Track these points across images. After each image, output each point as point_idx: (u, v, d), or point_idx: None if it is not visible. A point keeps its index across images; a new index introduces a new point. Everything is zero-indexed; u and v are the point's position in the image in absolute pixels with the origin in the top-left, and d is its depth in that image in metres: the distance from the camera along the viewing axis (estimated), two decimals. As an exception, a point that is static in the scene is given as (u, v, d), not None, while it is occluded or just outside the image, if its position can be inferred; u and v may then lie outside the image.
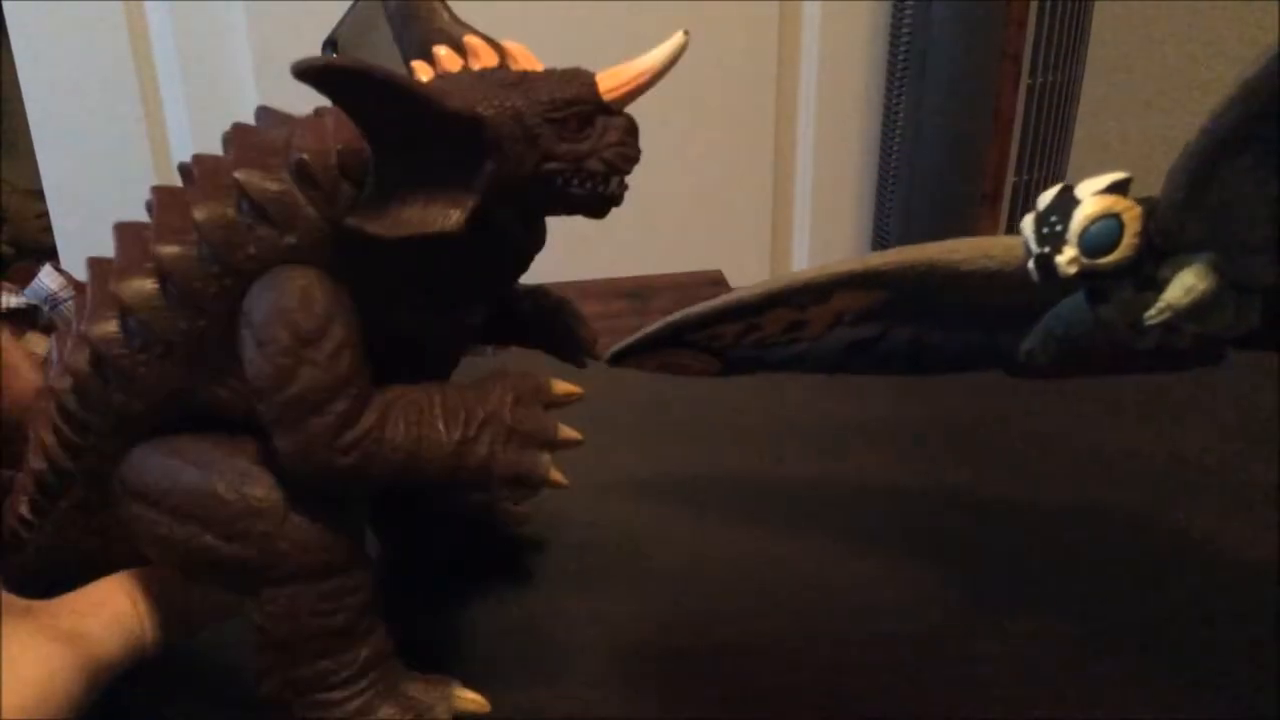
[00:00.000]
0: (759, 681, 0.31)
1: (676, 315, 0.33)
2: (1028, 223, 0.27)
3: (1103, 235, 0.25)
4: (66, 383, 0.27)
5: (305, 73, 0.22)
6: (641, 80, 0.26)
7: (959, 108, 1.24)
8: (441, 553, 0.37)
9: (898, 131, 1.30)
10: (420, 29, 0.28)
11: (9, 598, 0.26)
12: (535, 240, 0.28)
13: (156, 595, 0.27)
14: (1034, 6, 1.17)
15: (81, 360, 0.26)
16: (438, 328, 0.28)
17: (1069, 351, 0.28)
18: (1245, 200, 0.24)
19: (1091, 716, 0.29)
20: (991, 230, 1.24)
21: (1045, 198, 0.26)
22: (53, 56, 1.22)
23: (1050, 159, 1.28)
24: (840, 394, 0.49)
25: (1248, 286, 0.25)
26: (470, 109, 0.24)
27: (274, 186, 0.25)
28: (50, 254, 1.28)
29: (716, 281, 0.98)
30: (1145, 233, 0.25)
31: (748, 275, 1.37)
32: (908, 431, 0.46)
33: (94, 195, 1.26)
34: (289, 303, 0.25)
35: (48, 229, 1.30)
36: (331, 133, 0.25)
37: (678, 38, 0.26)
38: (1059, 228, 0.26)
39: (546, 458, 0.26)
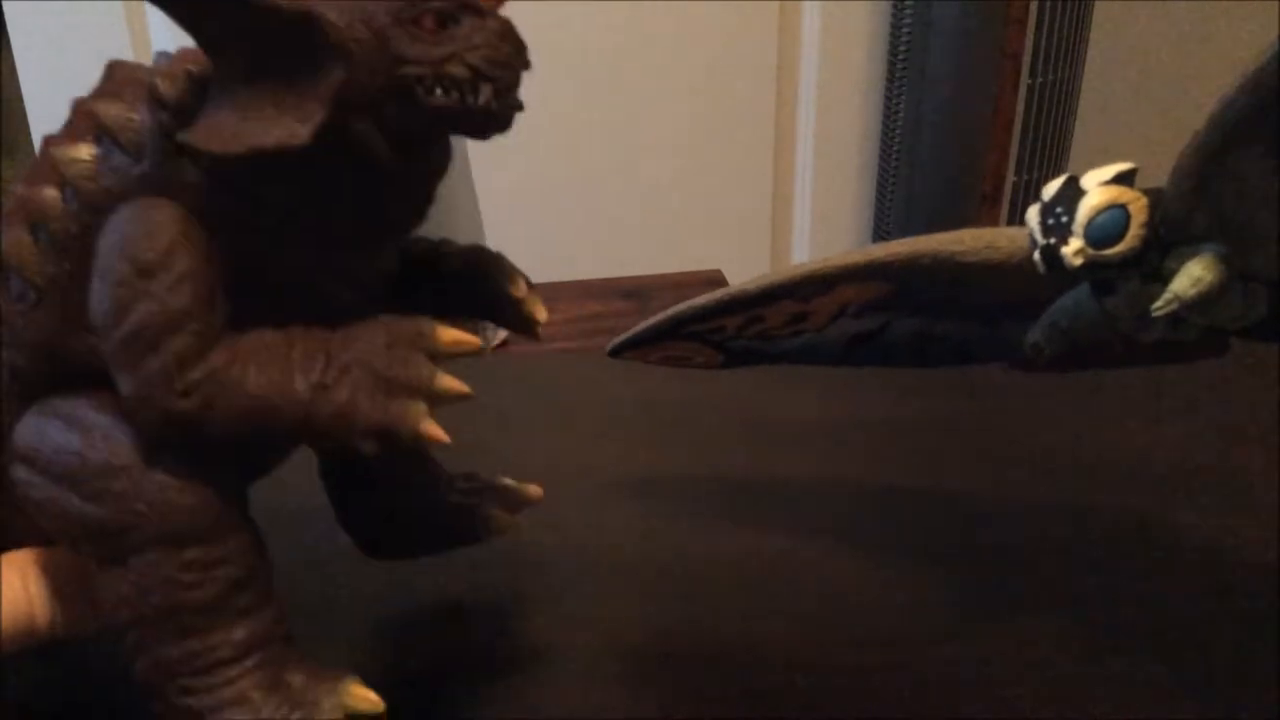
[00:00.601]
0: (758, 681, 0.31)
1: (678, 308, 0.33)
2: (1033, 214, 0.27)
3: (1109, 226, 0.25)
4: None
5: None
6: None
7: (959, 108, 1.24)
8: (421, 548, 0.34)
9: (898, 131, 1.30)
10: None
11: None
12: (425, 171, 0.26)
13: (61, 577, 0.26)
14: (1034, 6, 1.17)
15: None
16: (330, 274, 0.26)
17: (1074, 344, 0.28)
18: (1253, 192, 0.24)
19: (1092, 716, 0.29)
20: (991, 230, 1.24)
21: (1051, 188, 0.26)
22: (53, 56, 1.22)
23: (1050, 159, 1.28)
24: (840, 394, 0.49)
25: (1255, 277, 0.25)
26: (305, 8, 0.22)
27: (125, 114, 0.24)
28: (50, 254, 1.28)
29: (716, 281, 0.98)
30: (1152, 223, 0.25)
31: (747, 275, 1.37)
32: (908, 431, 0.46)
33: (94, 195, 1.26)
34: (131, 231, 0.23)
35: (48, 229, 1.30)
36: (194, 56, 0.23)
37: None
38: (1064, 219, 0.26)
39: (420, 407, 0.24)
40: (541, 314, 0.29)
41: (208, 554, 0.24)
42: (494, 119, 0.24)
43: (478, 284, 0.29)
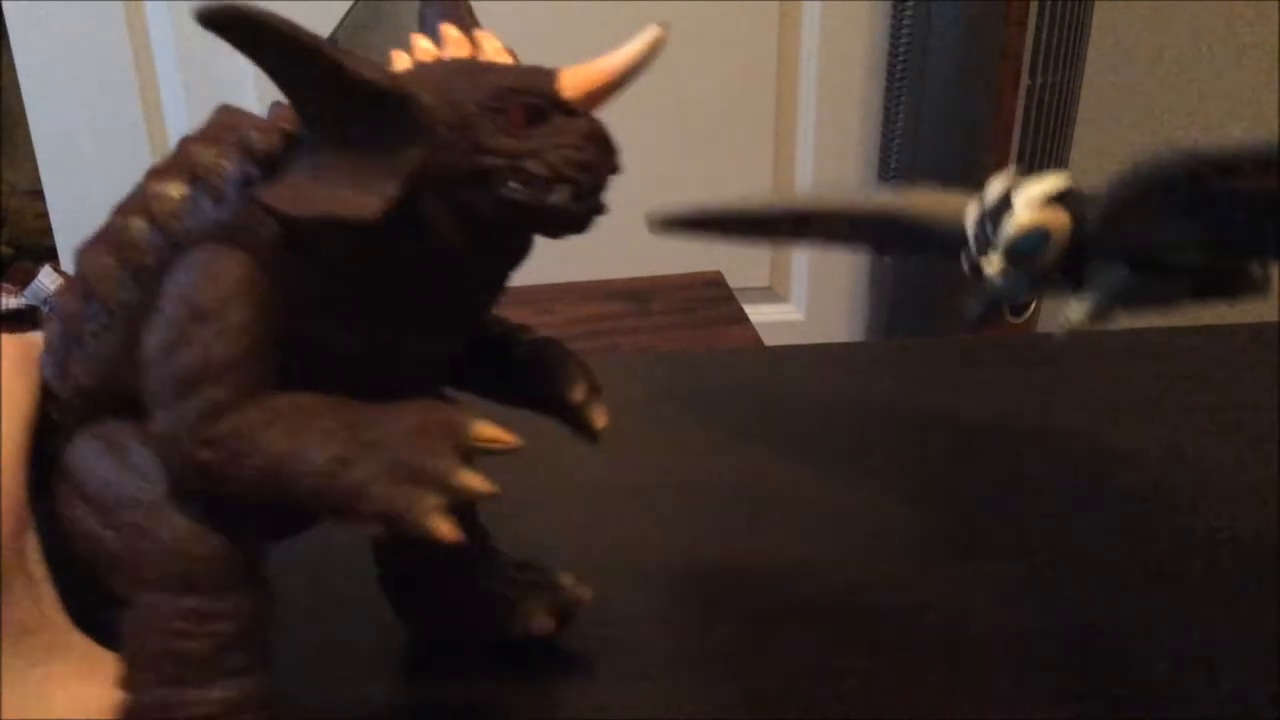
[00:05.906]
0: (759, 681, 0.31)
1: (704, 208, 0.37)
2: (971, 214, 0.29)
3: (1029, 248, 0.28)
4: (46, 358, 0.27)
5: (206, 18, 0.20)
6: (604, 79, 0.23)
7: (959, 108, 1.24)
8: (464, 631, 0.33)
9: (898, 131, 1.30)
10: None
11: (63, 621, 0.24)
12: (499, 261, 0.25)
13: None
14: (1034, 6, 1.17)
15: (53, 332, 0.26)
16: (391, 351, 0.25)
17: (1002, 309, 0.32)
18: (1158, 238, 0.27)
19: (1092, 716, 0.29)
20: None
21: (991, 193, 0.29)
22: (53, 56, 1.22)
23: (1050, 159, 1.28)
24: (840, 394, 0.49)
25: (1178, 276, 0.28)
26: (394, 82, 0.22)
27: (215, 159, 0.24)
28: (50, 254, 1.28)
29: (716, 283, 0.98)
30: (1074, 241, 0.28)
31: (748, 276, 1.37)
32: (909, 431, 0.46)
33: (94, 195, 1.26)
34: (194, 275, 0.23)
35: (48, 229, 1.30)
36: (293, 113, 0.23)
37: (651, 31, 0.23)
38: (991, 234, 0.28)
39: (432, 501, 0.22)
40: (600, 420, 0.28)
41: (205, 607, 0.24)
42: (569, 219, 0.23)
43: (541, 379, 0.28)
